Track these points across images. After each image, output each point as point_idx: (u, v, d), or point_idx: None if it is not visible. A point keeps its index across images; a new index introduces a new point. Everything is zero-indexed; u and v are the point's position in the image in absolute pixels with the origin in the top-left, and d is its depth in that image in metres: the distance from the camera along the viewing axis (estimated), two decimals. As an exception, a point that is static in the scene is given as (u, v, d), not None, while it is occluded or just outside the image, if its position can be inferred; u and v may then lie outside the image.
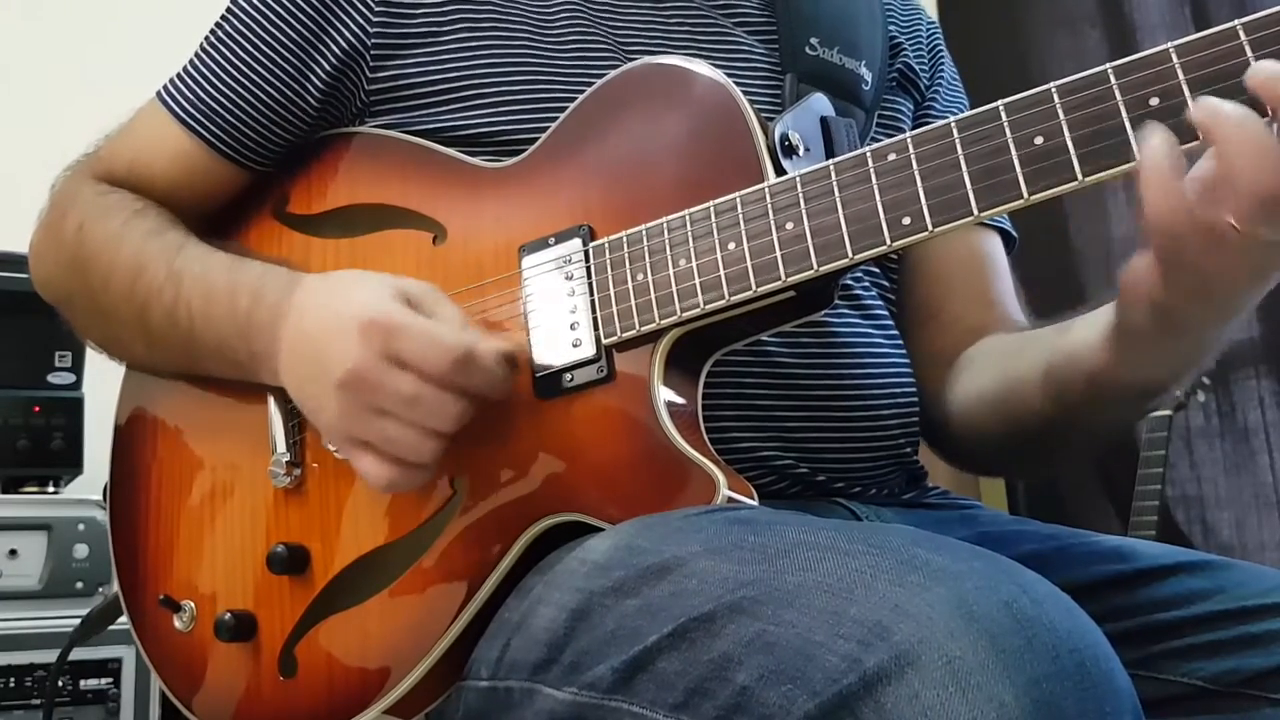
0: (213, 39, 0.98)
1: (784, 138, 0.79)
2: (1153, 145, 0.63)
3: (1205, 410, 2.34)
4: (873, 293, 0.98)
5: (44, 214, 1.02)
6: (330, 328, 0.81)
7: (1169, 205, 0.63)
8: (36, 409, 1.68)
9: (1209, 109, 0.62)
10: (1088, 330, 0.80)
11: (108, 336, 1.00)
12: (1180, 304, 0.69)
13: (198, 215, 0.98)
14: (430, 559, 0.83)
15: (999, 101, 0.69)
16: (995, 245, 1.07)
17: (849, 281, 0.95)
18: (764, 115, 0.81)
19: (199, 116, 0.97)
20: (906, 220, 0.71)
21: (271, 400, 0.92)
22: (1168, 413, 2.16)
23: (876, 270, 1.00)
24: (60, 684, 1.48)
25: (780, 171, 0.78)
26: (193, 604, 0.93)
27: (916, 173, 0.71)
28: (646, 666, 0.63)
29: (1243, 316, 0.74)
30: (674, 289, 0.78)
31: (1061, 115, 0.67)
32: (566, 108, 0.87)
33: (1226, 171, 0.62)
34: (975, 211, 0.69)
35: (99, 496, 1.57)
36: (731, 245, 0.76)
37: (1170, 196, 0.63)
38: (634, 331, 0.79)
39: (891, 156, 0.72)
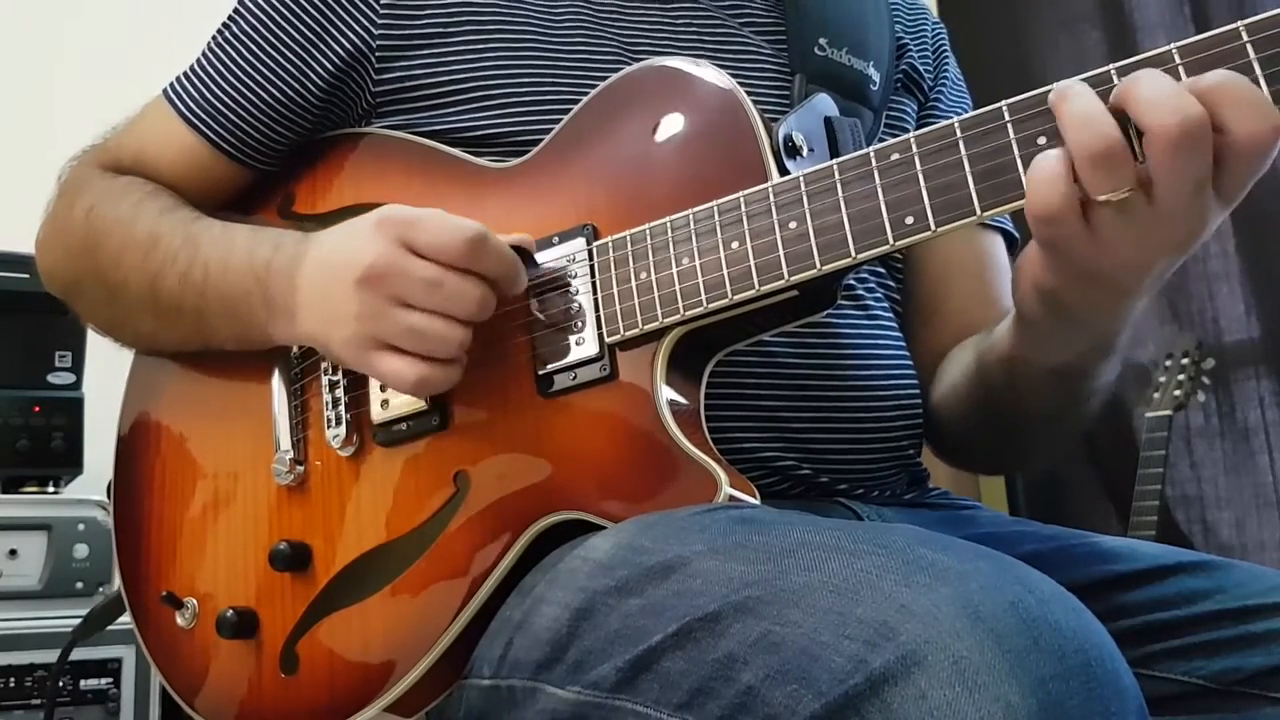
0: (219, 39, 0.99)
1: (788, 138, 0.80)
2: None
3: (1205, 410, 2.34)
4: (877, 293, 0.98)
5: (51, 203, 1.03)
6: (346, 237, 0.83)
7: (1052, 192, 0.65)
8: (36, 409, 1.68)
9: (1056, 90, 0.65)
10: (1006, 319, 0.83)
11: (114, 318, 1.00)
12: (1065, 289, 0.72)
13: (204, 210, 0.99)
14: (432, 556, 0.83)
15: (1002, 102, 0.69)
16: (996, 245, 1.07)
17: (852, 282, 0.95)
18: (771, 116, 0.81)
19: (203, 115, 0.97)
20: (909, 220, 0.71)
21: (276, 397, 0.92)
22: (1168, 413, 2.16)
23: (882, 271, 1.00)
24: (60, 684, 1.48)
25: (784, 172, 0.78)
26: (195, 601, 0.93)
27: (920, 172, 0.71)
28: (651, 666, 0.62)
29: (1136, 308, 0.77)
30: (677, 288, 0.78)
31: (1065, 115, 0.67)
32: (571, 109, 0.87)
33: (1069, 144, 0.64)
34: (978, 211, 0.69)
35: (99, 496, 1.57)
36: (735, 244, 0.76)
37: (1054, 186, 0.65)
38: (637, 330, 0.79)
39: (895, 156, 0.72)
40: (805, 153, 0.80)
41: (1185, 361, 2.21)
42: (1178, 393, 2.18)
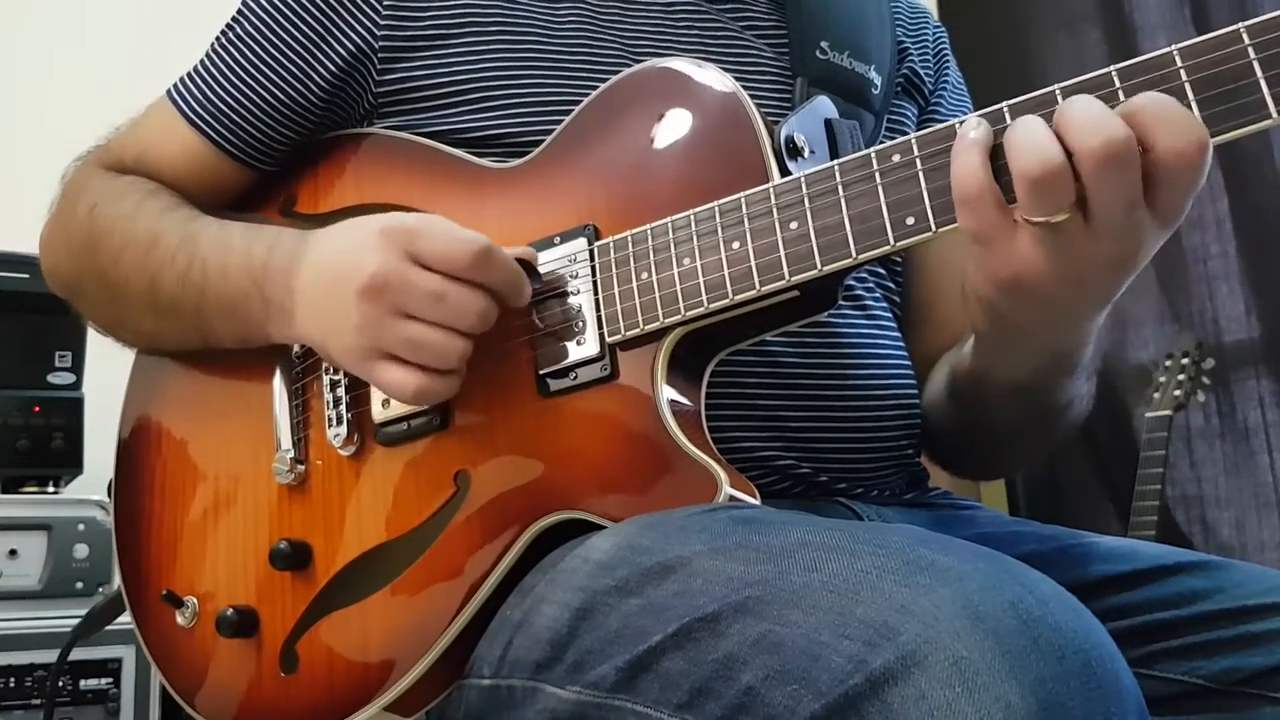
0: (222, 40, 1.00)
1: (789, 139, 0.80)
2: (969, 120, 0.68)
3: (1205, 410, 2.35)
4: (877, 294, 0.98)
5: (54, 203, 1.03)
6: (348, 245, 0.82)
7: (971, 176, 0.67)
8: (36, 409, 1.68)
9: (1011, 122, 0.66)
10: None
11: (115, 316, 1.00)
12: (999, 299, 0.73)
13: (206, 210, 0.99)
14: (432, 556, 0.83)
15: (1003, 103, 0.69)
16: None
17: (852, 282, 0.96)
18: (772, 118, 0.81)
19: (206, 116, 0.98)
20: (910, 220, 0.71)
21: (277, 396, 0.93)
22: (1168, 413, 2.17)
23: (882, 272, 1.00)
24: (60, 684, 1.48)
25: (785, 173, 0.78)
26: (195, 600, 0.94)
27: (920, 173, 0.71)
28: (651, 666, 0.63)
29: (1089, 328, 0.79)
30: (678, 288, 0.78)
31: (1066, 117, 0.67)
32: (573, 110, 0.87)
33: (1012, 166, 0.65)
34: (979, 212, 0.69)
35: (99, 496, 1.57)
36: (735, 245, 0.77)
37: (971, 167, 0.67)
38: (638, 330, 0.79)
39: (896, 157, 0.72)
40: (806, 154, 0.80)
41: (1185, 361, 2.21)
42: (1178, 393, 2.18)
